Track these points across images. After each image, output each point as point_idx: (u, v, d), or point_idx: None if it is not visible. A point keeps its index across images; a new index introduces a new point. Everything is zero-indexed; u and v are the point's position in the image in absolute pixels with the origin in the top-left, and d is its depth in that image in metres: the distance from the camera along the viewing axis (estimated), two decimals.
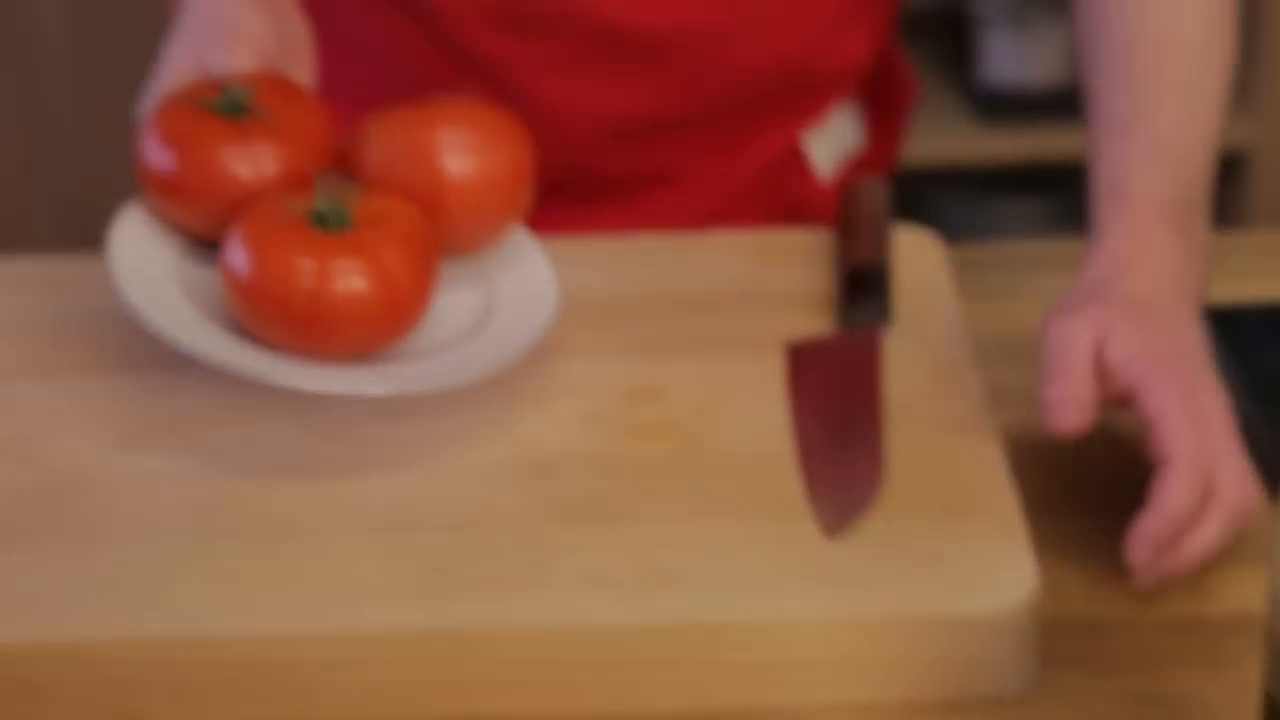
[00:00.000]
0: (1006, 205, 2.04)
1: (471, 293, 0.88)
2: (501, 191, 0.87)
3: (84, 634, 0.72)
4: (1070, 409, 0.78)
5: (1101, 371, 0.79)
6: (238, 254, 0.80)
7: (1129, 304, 0.81)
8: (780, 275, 0.94)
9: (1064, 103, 1.73)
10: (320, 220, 0.81)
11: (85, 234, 2.02)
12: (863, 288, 0.90)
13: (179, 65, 0.89)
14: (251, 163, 0.84)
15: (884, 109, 1.14)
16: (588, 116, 1.04)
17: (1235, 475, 0.77)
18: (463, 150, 0.86)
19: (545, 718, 0.73)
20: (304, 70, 0.93)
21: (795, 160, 1.11)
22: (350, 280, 0.80)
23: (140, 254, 0.85)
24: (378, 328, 0.81)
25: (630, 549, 0.76)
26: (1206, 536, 0.76)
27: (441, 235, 0.85)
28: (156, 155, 0.85)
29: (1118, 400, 0.79)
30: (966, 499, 0.77)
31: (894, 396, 0.84)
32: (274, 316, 0.80)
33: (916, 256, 0.94)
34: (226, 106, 0.85)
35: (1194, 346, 0.81)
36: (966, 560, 0.74)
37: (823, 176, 1.12)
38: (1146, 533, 0.75)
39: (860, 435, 0.81)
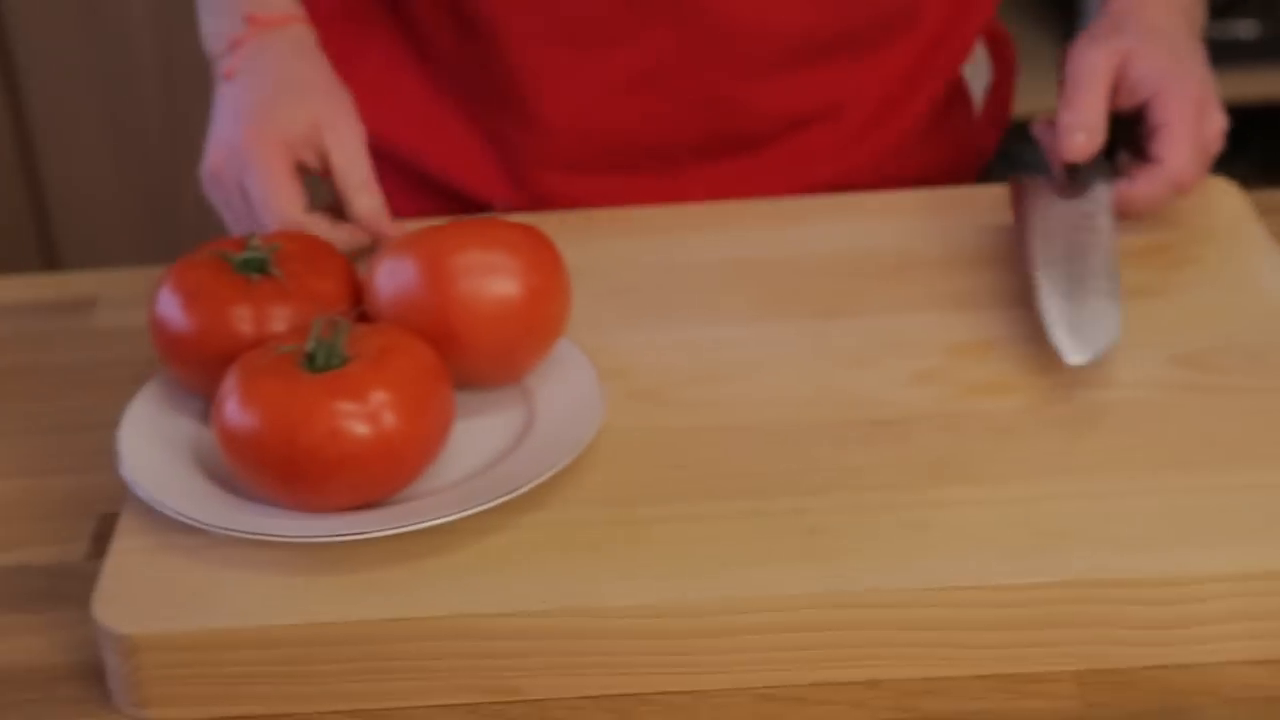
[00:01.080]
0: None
1: (509, 415, 0.81)
2: (526, 319, 0.79)
3: (465, 608, 0.71)
4: (1081, 134, 0.90)
5: (1121, 89, 0.92)
6: (222, 404, 0.74)
7: (1149, 32, 0.93)
8: None
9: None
10: (310, 362, 0.74)
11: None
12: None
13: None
14: (259, 324, 0.79)
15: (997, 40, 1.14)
16: (772, 36, 1.01)
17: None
18: (479, 276, 0.78)
19: (942, 682, 0.71)
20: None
21: (960, 94, 1.10)
22: (337, 425, 0.71)
23: (153, 426, 0.80)
24: (373, 474, 0.73)
25: (1006, 506, 0.74)
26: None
27: (462, 369, 0.78)
28: (166, 309, 0.80)
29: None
30: None
31: (1236, 348, 0.82)
32: (260, 467, 0.73)
33: (1223, 205, 0.93)
34: (245, 265, 0.81)
35: (1205, 76, 0.93)
36: None
37: (976, 111, 1.12)
38: (1126, 207, 0.91)
39: (1096, 276, 0.84)
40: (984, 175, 1.14)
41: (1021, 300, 0.88)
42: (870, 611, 0.70)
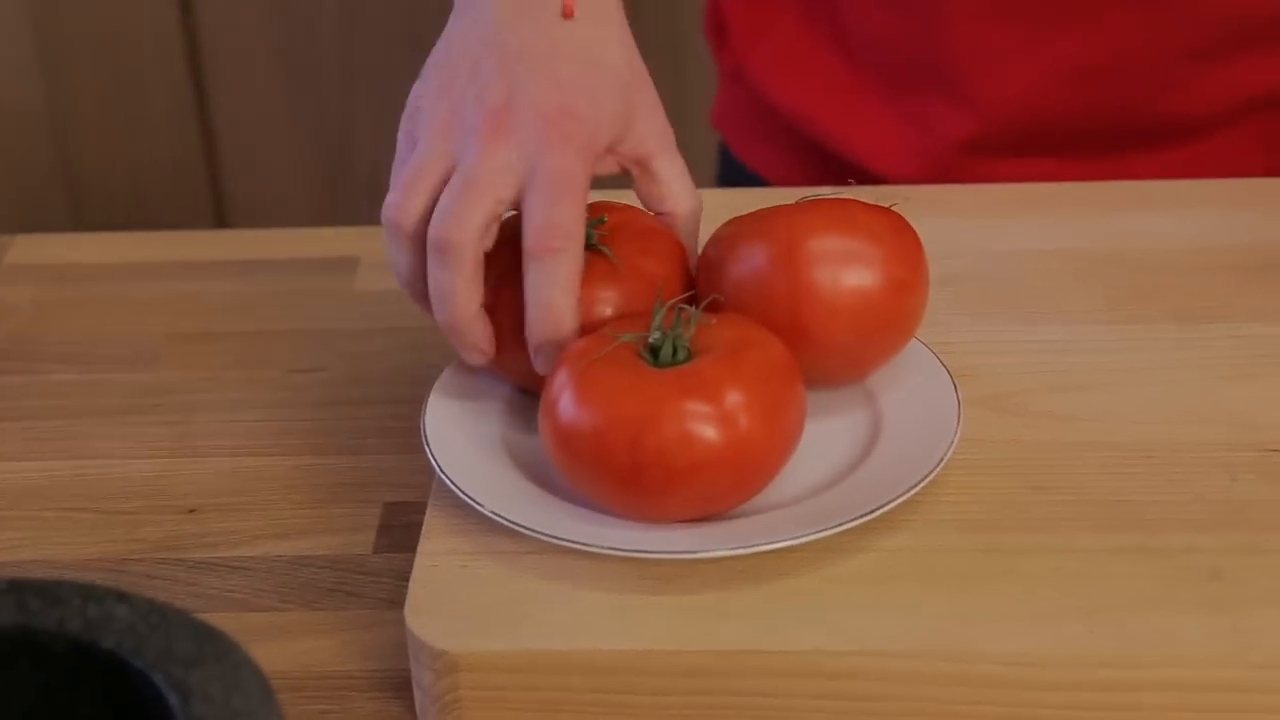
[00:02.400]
0: None
1: (853, 419, 0.76)
2: (884, 315, 0.74)
3: (818, 642, 0.66)
4: None
5: None
6: (556, 398, 0.69)
7: None
8: None
9: None
10: (653, 354, 0.70)
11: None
12: None
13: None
14: (586, 307, 0.74)
15: None
16: (1244, 12, 0.96)
17: None
18: (836, 265, 0.73)
19: None
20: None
21: None
22: (682, 426, 0.67)
23: (459, 414, 0.76)
24: (721, 483, 0.68)
25: None
26: None
27: (808, 367, 0.72)
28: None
29: None
30: None
31: None
32: (597, 471, 0.68)
33: None
34: None
35: None
36: None
37: None
38: None
39: None
40: None
41: None
42: (1273, 673, 0.65)
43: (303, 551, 0.78)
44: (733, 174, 1.15)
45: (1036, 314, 0.84)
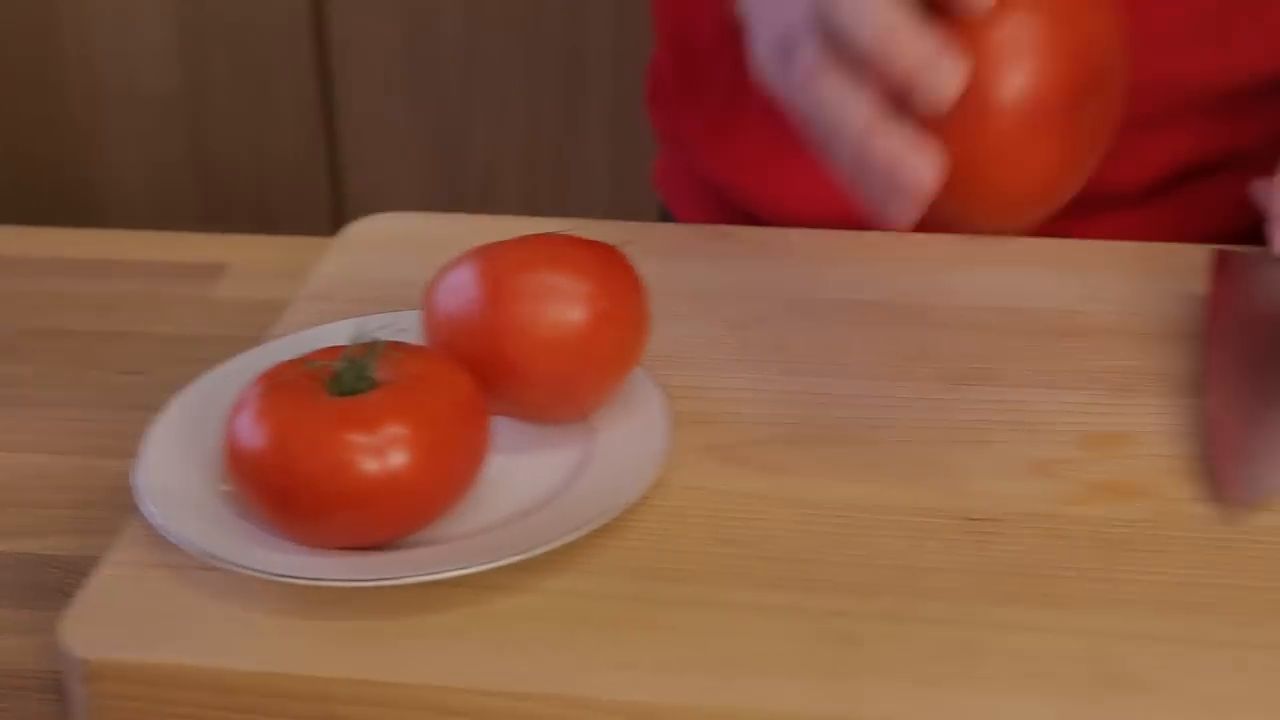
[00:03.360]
0: None
1: (564, 457, 0.78)
2: (588, 350, 0.77)
3: (434, 678, 0.69)
4: None
5: None
6: (235, 414, 0.73)
7: None
8: None
9: None
10: (337, 383, 0.73)
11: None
12: None
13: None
14: None
15: None
16: (1183, 83, 0.98)
17: None
18: (539, 299, 0.76)
19: None
20: None
21: None
22: (336, 456, 0.70)
23: (195, 423, 0.80)
24: (377, 516, 0.72)
25: (1080, 638, 0.68)
26: None
27: (519, 402, 0.77)
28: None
29: None
30: None
31: None
32: (257, 491, 0.72)
33: None
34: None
35: None
36: None
37: None
38: None
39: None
40: None
41: (1193, 390, 0.82)
42: None
43: (49, 551, 0.83)
44: None
45: (816, 366, 0.86)
